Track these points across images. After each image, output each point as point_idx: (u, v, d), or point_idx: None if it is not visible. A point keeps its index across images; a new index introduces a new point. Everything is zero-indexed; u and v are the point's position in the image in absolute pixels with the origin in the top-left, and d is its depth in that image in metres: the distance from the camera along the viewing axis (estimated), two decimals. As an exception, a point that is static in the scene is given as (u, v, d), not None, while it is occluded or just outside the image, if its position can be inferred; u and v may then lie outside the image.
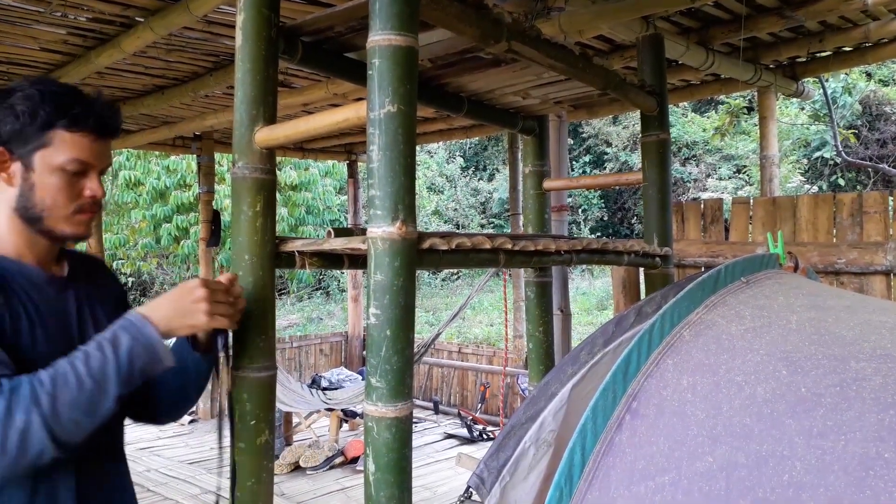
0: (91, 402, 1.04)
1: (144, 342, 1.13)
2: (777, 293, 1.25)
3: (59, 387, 1.01)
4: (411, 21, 1.22)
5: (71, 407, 1.01)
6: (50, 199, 1.20)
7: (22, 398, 0.98)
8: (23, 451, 0.96)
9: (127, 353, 1.10)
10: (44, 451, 0.99)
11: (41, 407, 0.98)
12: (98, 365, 1.06)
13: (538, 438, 1.07)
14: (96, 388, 1.05)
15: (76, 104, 1.20)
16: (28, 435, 0.97)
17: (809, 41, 4.09)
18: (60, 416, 1.00)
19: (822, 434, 0.88)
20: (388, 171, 1.22)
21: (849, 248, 3.13)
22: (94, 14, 3.44)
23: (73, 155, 1.20)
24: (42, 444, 0.98)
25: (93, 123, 1.22)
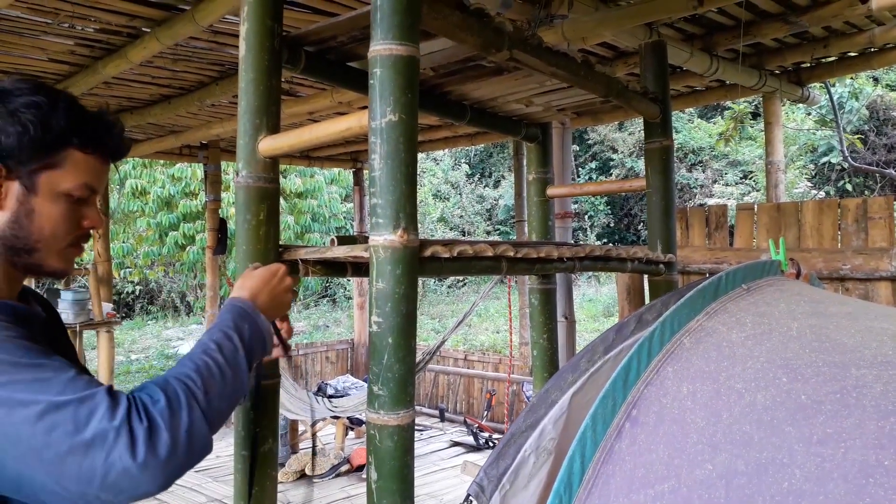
0: (234, 391, 1.02)
1: (261, 331, 1.12)
2: (778, 300, 1.24)
3: (207, 379, 0.97)
4: (412, 31, 1.23)
5: (220, 398, 0.98)
6: (49, 229, 1.03)
7: (181, 397, 0.92)
8: (191, 449, 0.90)
9: (249, 342, 1.08)
10: (206, 446, 0.93)
11: (199, 402, 0.93)
12: (231, 354, 1.03)
13: (538, 446, 1.07)
14: (234, 377, 1.02)
15: (92, 121, 1.05)
16: (194, 431, 0.91)
17: (814, 46, 4.08)
18: (214, 407, 0.96)
19: (822, 442, 0.88)
20: (390, 179, 1.22)
21: (854, 254, 3.12)
22: (101, 25, 3.48)
23: (85, 179, 1.04)
24: (205, 439, 0.93)
25: (111, 145, 1.08)
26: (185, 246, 12.94)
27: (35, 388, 0.85)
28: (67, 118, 1.02)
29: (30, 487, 0.86)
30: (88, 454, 0.83)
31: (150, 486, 0.86)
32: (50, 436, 0.83)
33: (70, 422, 0.84)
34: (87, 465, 0.83)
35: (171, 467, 0.87)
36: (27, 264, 1.04)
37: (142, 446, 0.85)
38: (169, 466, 0.87)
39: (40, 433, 0.83)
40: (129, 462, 0.84)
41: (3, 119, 0.99)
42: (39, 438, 0.83)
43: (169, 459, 0.87)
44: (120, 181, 12.65)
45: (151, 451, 0.85)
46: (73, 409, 0.84)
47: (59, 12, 3.25)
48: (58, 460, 0.83)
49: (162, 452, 0.86)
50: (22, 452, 0.83)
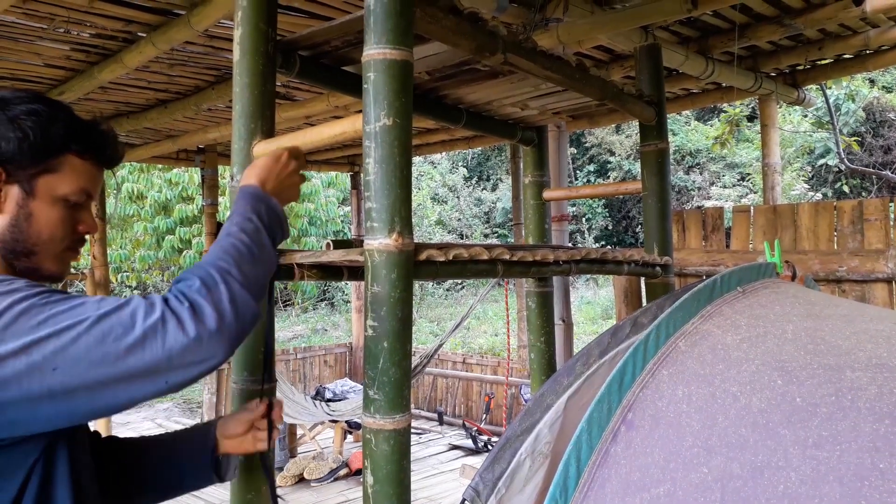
0: (264, 265, 1.07)
1: (276, 213, 1.17)
2: (773, 302, 1.24)
3: (236, 258, 1.02)
4: (406, 35, 1.23)
5: (253, 270, 1.03)
6: (47, 233, 1.07)
7: (214, 276, 0.97)
8: (237, 314, 0.95)
9: (269, 222, 1.13)
10: (253, 311, 0.99)
11: (234, 276, 0.99)
12: (254, 233, 1.09)
13: (534, 450, 1.06)
14: (261, 252, 1.08)
15: (89, 129, 1.11)
16: (236, 299, 0.96)
17: (809, 49, 4.09)
18: (249, 278, 1.01)
19: (818, 444, 0.88)
20: (385, 183, 1.22)
21: (850, 256, 3.13)
22: (96, 30, 3.47)
23: (81, 184, 1.09)
24: (249, 304, 0.98)
25: (107, 152, 1.13)
26: (181, 250, 12.93)
27: (75, 313, 0.90)
28: (66, 126, 1.07)
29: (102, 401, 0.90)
30: (146, 347, 0.89)
31: (214, 356, 0.93)
32: (105, 345, 0.88)
33: (118, 326, 0.90)
34: (149, 356, 0.89)
35: (225, 335, 0.93)
36: (25, 267, 1.07)
37: (190, 323, 0.91)
38: (223, 334, 0.93)
39: (95, 346, 0.88)
40: (183, 340, 0.90)
41: (3, 126, 1.03)
42: (96, 351, 0.88)
43: (220, 328, 0.93)
44: (117, 186, 12.64)
45: (201, 324, 0.91)
46: (115, 316, 0.90)
47: (55, 17, 3.25)
48: (122, 363, 0.89)
49: (210, 323, 0.92)
50: (86, 368, 0.88)
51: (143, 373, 0.90)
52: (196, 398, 10.19)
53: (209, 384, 8.01)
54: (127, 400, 0.92)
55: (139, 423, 8.95)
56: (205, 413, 8.16)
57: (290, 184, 1.26)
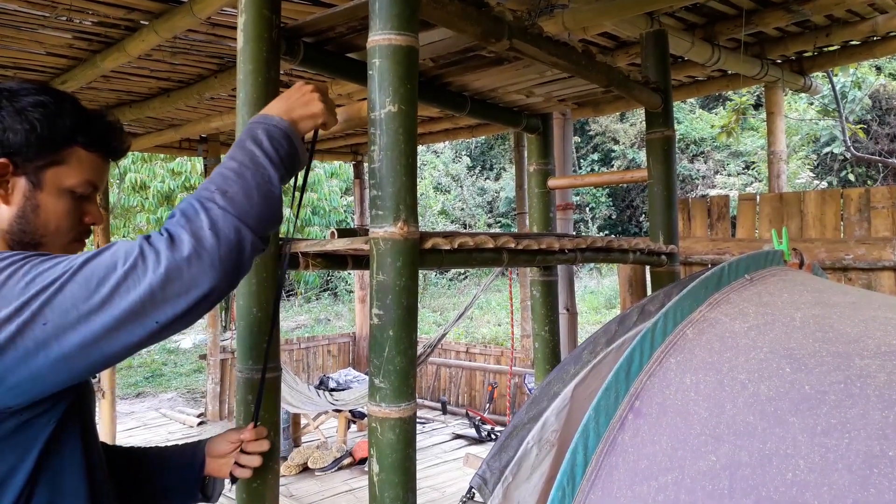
0: (260, 186, 1.01)
1: (277, 128, 1.10)
2: (781, 290, 1.24)
3: (221, 185, 0.98)
4: (411, 20, 1.22)
5: (245, 194, 0.98)
6: (54, 224, 1.07)
7: (195, 205, 0.95)
8: (219, 239, 0.93)
9: (268, 141, 1.07)
10: (242, 234, 0.95)
11: (216, 202, 0.95)
12: (246, 156, 1.04)
13: (541, 438, 1.06)
14: (255, 171, 1.02)
15: (96, 120, 1.10)
16: (217, 225, 0.93)
17: (816, 35, 4.06)
18: (238, 202, 0.97)
19: (826, 432, 0.87)
20: (390, 171, 1.21)
21: (856, 244, 3.11)
22: (98, 18, 3.46)
23: (88, 176, 1.09)
24: (236, 226, 0.95)
25: (113, 144, 1.13)
26: (185, 240, 12.93)
27: (60, 266, 0.90)
28: (73, 117, 1.07)
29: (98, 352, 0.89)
30: (129, 285, 0.88)
31: (198, 284, 0.90)
32: (89, 288, 0.88)
33: (101, 269, 0.89)
34: (133, 294, 0.88)
35: (206, 260, 0.91)
36: None
37: (166, 252, 0.89)
38: (204, 259, 0.91)
39: (80, 291, 0.88)
40: (161, 271, 0.88)
41: (11, 117, 1.03)
42: (81, 294, 0.88)
43: (199, 253, 0.90)
44: (120, 176, 12.65)
45: (178, 252, 0.90)
46: (97, 260, 0.90)
47: (57, 5, 3.24)
48: (107, 304, 0.88)
49: (187, 250, 0.90)
50: (75, 318, 0.87)
51: (131, 313, 0.88)
52: (200, 388, 10.24)
53: (213, 374, 8.04)
54: (121, 347, 0.90)
55: (143, 413, 8.99)
56: (209, 403, 8.20)
57: (306, 99, 1.18)
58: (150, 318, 0.89)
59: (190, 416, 8.26)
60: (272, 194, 1.03)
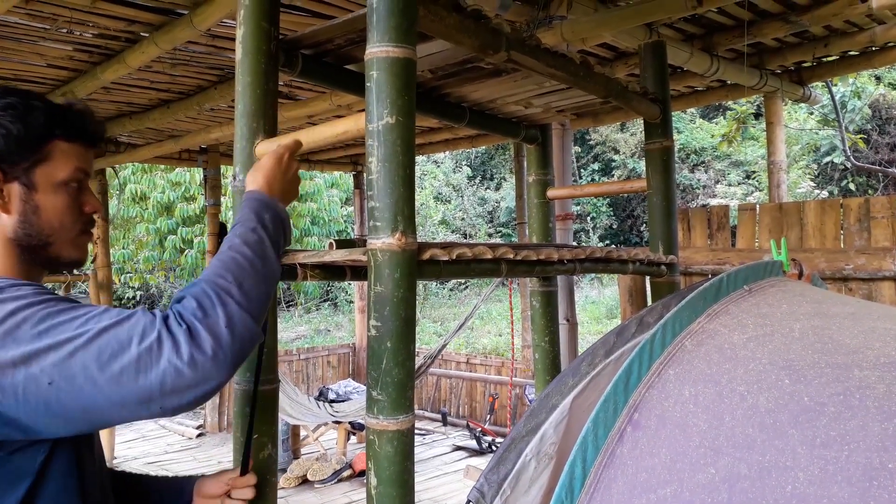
0: (266, 279, 1.05)
1: (281, 218, 1.17)
2: (780, 301, 1.23)
3: (237, 274, 1.01)
4: (409, 33, 1.22)
5: (255, 287, 1.02)
6: (58, 221, 1.08)
7: (211, 296, 0.96)
8: (234, 338, 0.94)
9: (273, 231, 1.13)
10: (253, 332, 0.98)
11: (233, 296, 0.97)
12: (258, 245, 1.08)
13: (539, 451, 1.06)
14: (263, 265, 1.06)
15: (67, 111, 1.11)
16: (233, 322, 0.95)
17: (815, 46, 4.07)
18: (250, 297, 1.00)
19: (826, 444, 0.87)
20: (388, 182, 1.21)
21: (857, 254, 3.11)
22: (99, 30, 3.48)
23: (76, 165, 1.10)
24: (248, 326, 0.97)
25: (91, 129, 1.13)
26: (184, 250, 12.95)
27: (75, 324, 0.90)
28: (45, 113, 1.07)
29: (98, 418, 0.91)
30: (140, 368, 0.89)
31: (209, 381, 0.92)
32: (101, 361, 0.88)
33: (115, 344, 0.89)
34: (142, 378, 0.89)
35: (221, 359, 0.92)
36: (46, 259, 1.10)
37: (185, 346, 0.90)
38: (219, 359, 0.92)
39: (92, 361, 0.88)
40: (178, 364, 0.89)
41: None
42: (92, 367, 0.88)
43: (216, 354, 0.91)
44: (120, 187, 12.67)
45: (196, 349, 0.90)
46: (114, 332, 0.90)
47: (58, 18, 3.25)
48: (115, 382, 0.88)
49: (206, 348, 0.91)
50: (81, 386, 0.88)
51: (137, 396, 0.89)
52: (201, 398, 10.19)
53: (213, 384, 8.01)
54: (120, 420, 0.92)
55: (142, 425, 8.95)
56: (208, 414, 8.17)
57: (293, 182, 1.26)
58: (155, 404, 0.90)
59: (189, 428, 8.23)
60: (274, 287, 1.09)
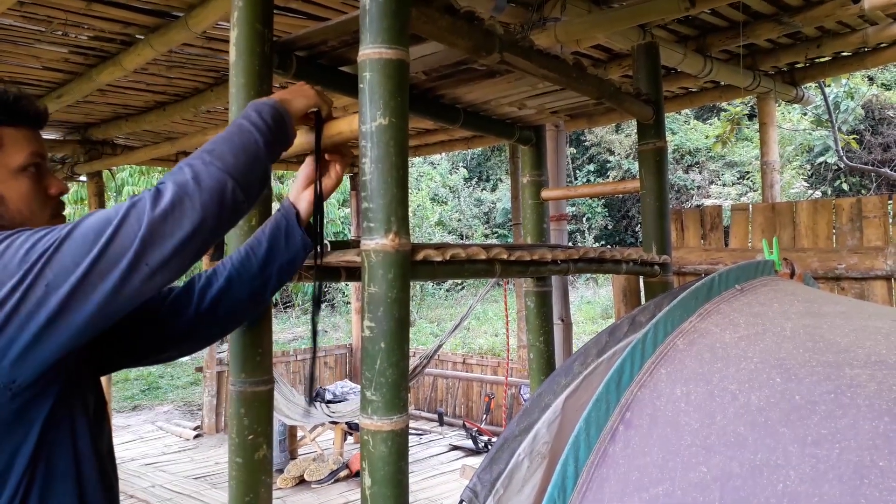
0: (245, 146, 1.06)
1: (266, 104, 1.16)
2: (772, 300, 1.24)
3: (209, 145, 1.04)
4: (402, 34, 1.23)
5: (230, 152, 1.04)
6: (26, 207, 1.09)
7: (181, 165, 1.01)
8: (202, 187, 0.98)
9: (256, 113, 1.12)
10: (225, 183, 1.00)
11: (202, 160, 1.01)
12: (236, 126, 1.09)
13: (532, 451, 1.06)
14: (244, 136, 1.07)
15: (3, 99, 1.10)
16: (199, 176, 0.98)
17: (808, 47, 4.09)
18: (223, 157, 1.02)
19: (817, 442, 0.87)
20: (381, 183, 1.22)
21: (849, 254, 3.12)
22: (94, 32, 3.47)
23: (29, 149, 1.10)
24: (219, 178, 1.00)
25: (32, 112, 1.13)
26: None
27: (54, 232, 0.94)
28: None
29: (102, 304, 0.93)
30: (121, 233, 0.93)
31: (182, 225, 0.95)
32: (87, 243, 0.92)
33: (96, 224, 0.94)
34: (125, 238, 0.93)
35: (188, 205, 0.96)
36: None
37: (152, 201, 0.95)
38: (184, 205, 0.96)
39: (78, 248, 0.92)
40: (150, 215, 0.93)
41: None
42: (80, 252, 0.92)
43: (181, 199, 0.96)
44: (117, 189, 12.64)
45: (162, 199, 0.95)
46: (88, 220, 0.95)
47: (53, 20, 3.25)
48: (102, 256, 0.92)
49: (173, 195, 0.95)
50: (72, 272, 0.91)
51: (125, 258, 0.92)
52: (196, 400, 10.19)
53: (209, 386, 8.01)
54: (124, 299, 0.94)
55: (139, 426, 8.95)
56: (205, 415, 8.16)
57: (299, 89, 1.26)
58: (142, 261, 0.93)
59: (186, 429, 8.22)
60: (257, 153, 1.08)
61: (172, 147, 6.14)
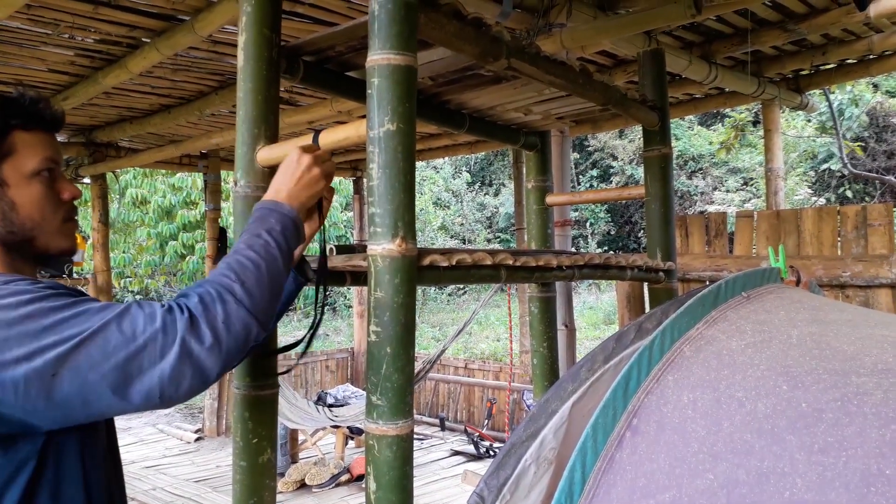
0: (272, 280, 1.08)
1: (289, 219, 1.18)
2: (778, 308, 1.24)
3: (241, 274, 1.04)
4: (410, 40, 1.23)
5: (258, 286, 1.04)
6: (38, 213, 1.07)
7: (213, 294, 1.00)
8: (231, 334, 0.98)
9: (281, 233, 1.14)
10: (251, 329, 1.01)
11: (234, 293, 1.01)
12: (262, 248, 1.10)
13: (539, 456, 1.06)
14: (269, 266, 1.08)
15: (19, 101, 1.08)
16: (230, 319, 0.98)
17: (813, 54, 4.10)
18: (253, 296, 1.03)
19: (824, 450, 0.87)
20: (388, 188, 1.22)
21: (854, 261, 3.12)
22: (100, 35, 3.49)
23: (43, 154, 1.08)
24: (246, 322, 1.00)
25: (48, 116, 1.11)
26: (185, 255, 12.93)
27: (79, 320, 0.92)
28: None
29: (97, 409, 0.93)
30: (144, 358, 0.92)
31: (204, 371, 0.95)
32: (106, 351, 0.91)
33: (121, 334, 0.92)
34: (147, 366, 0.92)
35: (216, 353, 0.96)
36: (34, 254, 1.10)
37: (185, 338, 0.94)
38: (214, 353, 0.96)
39: (97, 352, 0.91)
40: (178, 353, 0.93)
41: None
42: (98, 357, 0.91)
43: (212, 347, 0.95)
44: (120, 191, 12.66)
45: (196, 340, 0.95)
46: (116, 325, 0.93)
47: (59, 23, 3.26)
48: (120, 371, 0.91)
49: (205, 340, 0.95)
50: (85, 376, 0.90)
51: (139, 382, 0.92)
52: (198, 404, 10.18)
53: (211, 389, 8.01)
54: (120, 410, 0.94)
55: (140, 429, 8.94)
56: (206, 418, 8.16)
57: (310, 181, 1.25)
58: (156, 390, 0.93)
59: (187, 432, 8.22)
60: (280, 286, 1.11)
61: (176, 150, 6.16)
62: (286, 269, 1.14)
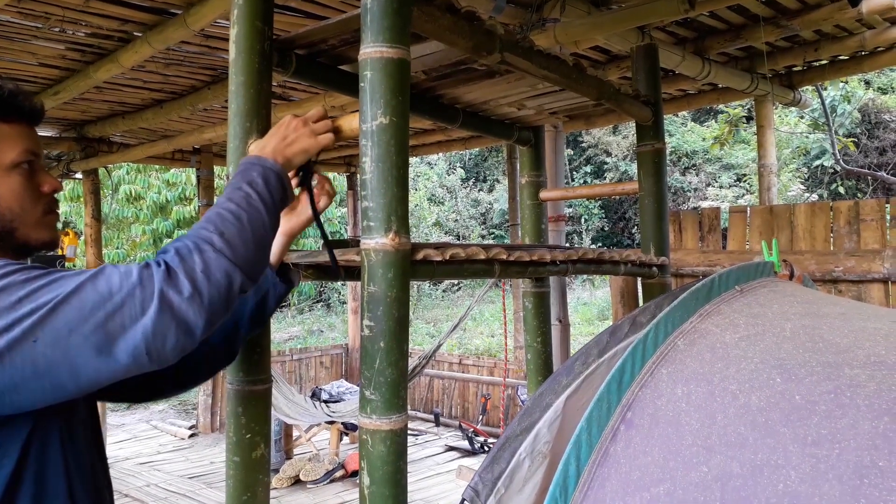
0: (255, 230, 1.04)
1: (272, 172, 1.14)
2: (771, 301, 1.24)
3: (219, 224, 1.01)
4: (403, 33, 1.23)
5: (240, 237, 1.01)
6: (17, 204, 1.07)
7: (190, 246, 0.97)
8: (211, 282, 0.95)
9: (263, 185, 1.10)
10: (233, 278, 0.97)
11: (212, 244, 0.98)
12: (244, 199, 1.07)
13: (533, 450, 1.06)
14: (253, 217, 1.05)
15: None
16: (209, 268, 0.95)
17: (805, 50, 4.11)
18: (234, 246, 1.00)
19: (817, 442, 0.88)
20: (381, 182, 1.22)
21: (846, 256, 3.13)
22: (91, 29, 3.46)
23: (22, 146, 1.08)
24: (227, 271, 0.97)
25: (27, 108, 1.10)
26: (178, 251, 12.88)
27: (53, 286, 0.91)
28: None
29: (85, 376, 0.90)
30: (124, 314, 0.90)
31: (187, 321, 0.92)
32: (84, 312, 0.89)
33: (97, 294, 0.90)
34: (128, 322, 0.90)
35: (197, 302, 0.93)
36: (15, 245, 1.08)
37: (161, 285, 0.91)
38: (195, 302, 0.93)
39: (75, 314, 0.89)
40: (157, 306, 0.90)
41: None
42: (76, 319, 0.89)
43: (192, 296, 0.92)
44: (113, 187, 12.60)
45: (174, 290, 0.92)
46: (92, 285, 0.91)
47: (50, 16, 3.24)
48: (100, 330, 0.89)
49: (183, 290, 0.92)
50: (66, 339, 0.88)
51: (123, 341, 0.90)
52: (191, 399, 10.16)
53: (204, 385, 7.99)
54: (110, 372, 0.91)
55: (134, 425, 8.92)
56: (200, 415, 8.14)
57: (297, 136, 1.23)
58: (141, 347, 0.90)
59: (181, 429, 8.20)
60: (265, 238, 1.07)
61: (169, 145, 6.13)
62: (272, 223, 1.10)
